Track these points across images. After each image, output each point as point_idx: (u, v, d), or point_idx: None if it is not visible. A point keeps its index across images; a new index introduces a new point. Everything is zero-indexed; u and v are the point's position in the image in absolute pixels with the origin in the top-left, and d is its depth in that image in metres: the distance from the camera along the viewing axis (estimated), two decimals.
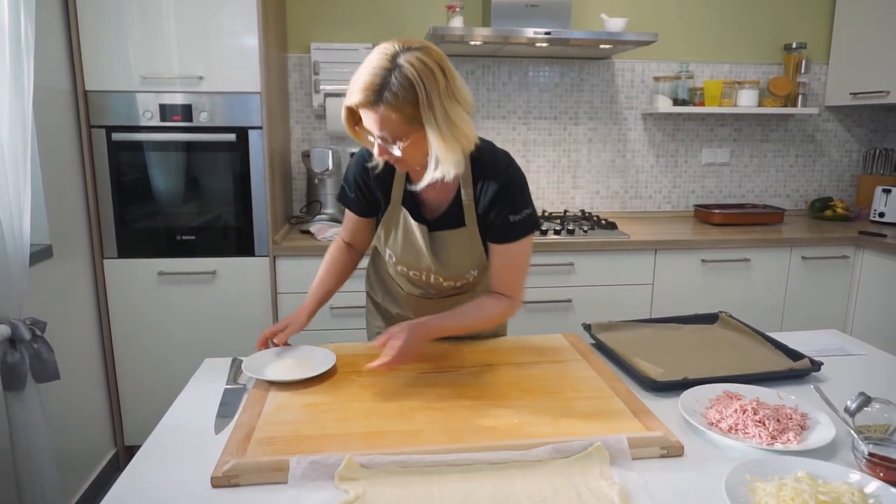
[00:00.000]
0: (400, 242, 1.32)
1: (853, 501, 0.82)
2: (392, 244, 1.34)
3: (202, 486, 0.90)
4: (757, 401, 1.11)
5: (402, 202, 1.29)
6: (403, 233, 1.31)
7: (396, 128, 1.09)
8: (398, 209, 1.30)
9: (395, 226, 1.31)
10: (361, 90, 1.07)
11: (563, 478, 0.91)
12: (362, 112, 1.11)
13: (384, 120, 1.08)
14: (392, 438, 1.00)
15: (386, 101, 1.06)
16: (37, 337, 1.56)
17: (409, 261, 1.34)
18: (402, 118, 1.08)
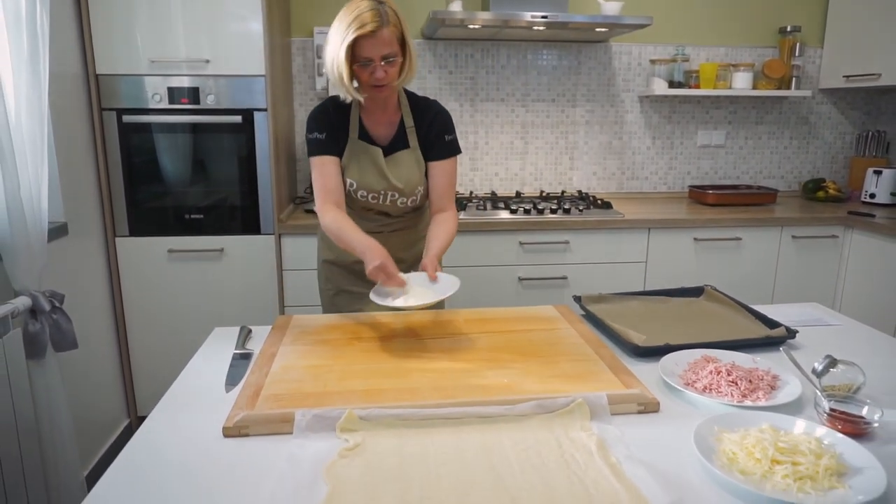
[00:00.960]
0: (362, 168, 1.57)
1: (809, 448, 0.89)
2: (355, 172, 1.58)
3: (214, 437, 0.98)
4: (732, 364, 1.19)
5: (358, 136, 1.57)
6: (364, 159, 1.57)
7: (394, 45, 1.43)
8: (356, 142, 1.57)
9: (356, 156, 1.57)
10: (369, 21, 1.37)
11: (545, 430, 0.99)
12: (368, 41, 1.39)
13: (389, 37, 1.41)
14: (389, 395, 1.08)
15: (387, 23, 1.40)
16: (56, 308, 1.65)
17: (369, 183, 1.58)
18: (396, 36, 1.43)
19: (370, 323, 1.44)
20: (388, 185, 1.59)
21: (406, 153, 1.60)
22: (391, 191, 1.60)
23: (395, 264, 1.37)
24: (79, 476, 1.80)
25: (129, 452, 0.95)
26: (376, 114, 1.59)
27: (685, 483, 0.86)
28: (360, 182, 1.58)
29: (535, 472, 0.88)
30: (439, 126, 1.61)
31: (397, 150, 1.60)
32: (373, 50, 1.40)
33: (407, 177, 1.60)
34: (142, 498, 0.83)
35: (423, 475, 0.87)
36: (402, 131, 1.61)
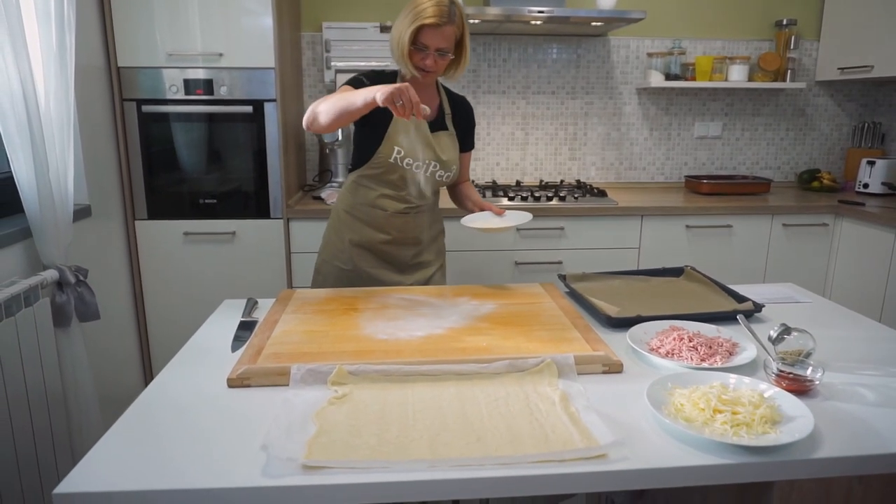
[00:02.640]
0: (410, 138, 1.70)
1: (750, 401, 0.99)
2: (404, 141, 1.69)
3: (220, 388, 1.10)
4: (697, 332, 1.29)
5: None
6: (414, 129, 1.69)
7: (451, 42, 1.60)
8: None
9: (405, 126, 1.69)
10: (438, 14, 1.54)
11: (516, 385, 1.10)
12: (432, 31, 1.55)
13: (450, 35, 1.59)
14: (377, 355, 1.20)
15: (452, 21, 1.57)
16: (80, 282, 1.79)
17: (416, 153, 1.70)
18: (456, 35, 1.61)
19: (365, 296, 1.55)
20: (433, 155, 1.72)
21: (446, 134, 1.76)
22: (434, 161, 1.73)
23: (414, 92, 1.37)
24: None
25: (143, 400, 1.06)
26: (420, 93, 1.65)
27: (635, 429, 0.96)
28: (407, 150, 1.69)
29: (501, 418, 0.99)
30: (468, 121, 1.84)
31: (439, 129, 1.75)
32: (432, 40, 1.57)
33: (449, 154, 1.76)
34: (154, 437, 0.94)
35: (401, 418, 0.99)
36: (441, 115, 1.76)
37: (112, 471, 0.86)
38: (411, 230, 1.82)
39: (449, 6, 1.55)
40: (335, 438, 0.93)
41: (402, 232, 1.80)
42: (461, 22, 1.60)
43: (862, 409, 1.03)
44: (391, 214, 1.77)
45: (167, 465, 0.87)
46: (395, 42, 1.61)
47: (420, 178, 1.74)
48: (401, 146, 1.69)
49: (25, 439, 1.58)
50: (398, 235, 1.80)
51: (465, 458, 0.88)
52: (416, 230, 1.83)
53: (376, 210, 1.77)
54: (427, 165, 1.73)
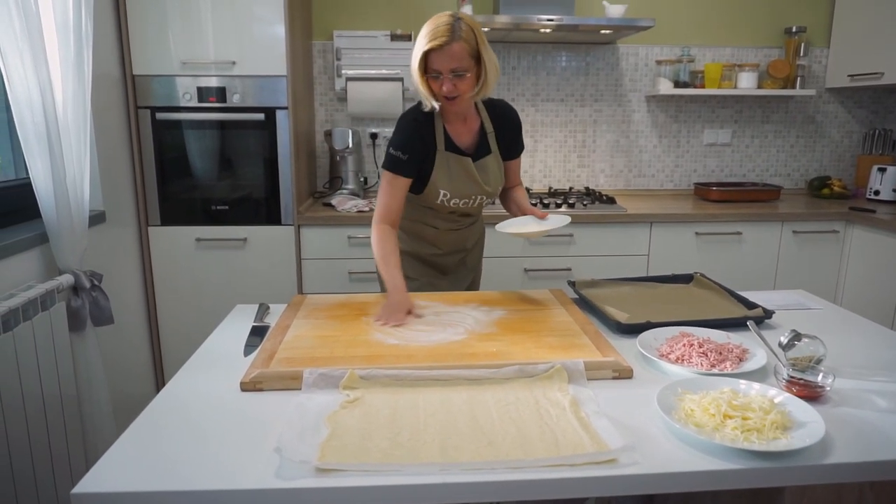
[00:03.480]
0: (454, 178, 1.66)
1: (760, 406, 0.99)
2: (446, 183, 1.66)
3: (233, 392, 1.12)
4: (707, 338, 1.29)
5: (445, 148, 1.65)
6: (457, 168, 1.65)
7: (464, 60, 1.48)
8: (445, 154, 1.64)
9: (446, 166, 1.65)
10: (440, 35, 1.45)
11: (526, 390, 1.11)
12: (437, 55, 1.47)
13: (459, 53, 1.47)
14: (388, 360, 1.21)
15: (458, 38, 1.46)
16: (95, 286, 1.82)
17: (462, 191, 1.68)
18: (469, 51, 1.49)
19: (377, 302, 1.57)
20: (479, 189, 1.69)
21: (490, 158, 1.69)
22: (481, 195, 1.71)
23: (410, 311, 1.46)
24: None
25: (157, 403, 1.08)
26: (457, 123, 1.65)
27: (645, 433, 0.97)
28: (452, 191, 1.66)
29: (512, 422, 1.00)
30: (514, 128, 1.74)
31: (482, 156, 1.68)
32: (441, 63, 1.47)
33: (494, 181, 1.70)
34: (168, 439, 0.96)
35: (412, 422, 1.00)
36: (483, 137, 1.69)
37: (127, 472, 0.87)
38: (461, 242, 1.85)
39: (451, 24, 1.46)
40: (347, 442, 0.94)
41: (452, 245, 1.83)
42: (471, 35, 1.49)
43: (873, 415, 1.02)
44: (442, 231, 1.79)
45: (181, 467, 0.88)
46: (413, 78, 1.54)
47: (467, 209, 1.75)
48: (446, 189, 1.66)
49: (41, 440, 1.60)
50: (448, 249, 1.83)
51: (476, 461, 0.89)
52: (465, 241, 1.86)
53: (427, 228, 1.79)
54: (474, 199, 1.71)
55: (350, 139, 2.74)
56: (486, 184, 1.69)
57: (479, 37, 1.51)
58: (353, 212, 2.52)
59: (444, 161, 1.64)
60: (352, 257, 2.52)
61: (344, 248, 2.51)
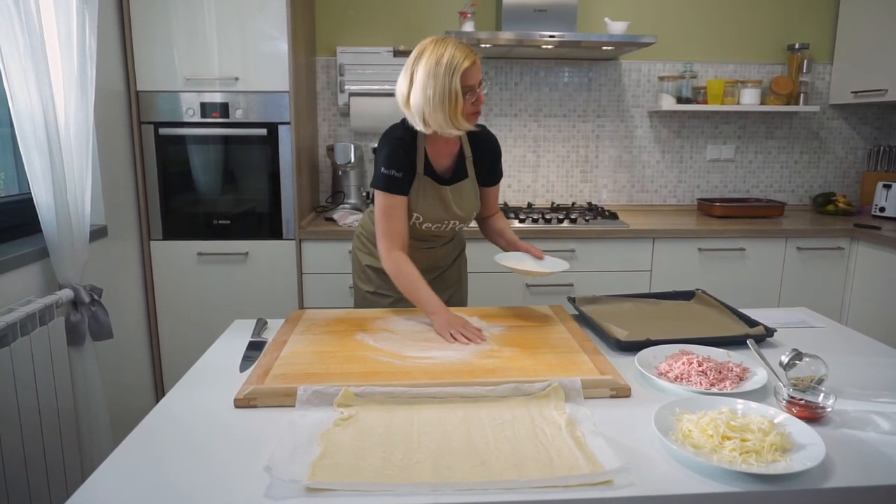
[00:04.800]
0: (429, 203, 1.65)
1: (759, 427, 0.97)
2: (422, 206, 1.65)
3: (227, 408, 1.11)
4: (707, 357, 1.28)
5: (424, 172, 1.64)
6: (431, 195, 1.65)
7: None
8: (422, 178, 1.64)
9: (422, 191, 1.64)
10: (466, 52, 1.48)
11: (522, 409, 1.10)
12: (470, 70, 1.48)
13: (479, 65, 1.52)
14: (384, 377, 1.20)
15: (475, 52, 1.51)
16: (94, 301, 1.82)
17: (435, 216, 1.67)
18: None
19: (374, 317, 1.56)
20: (452, 215, 1.68)
21: (466, 183, 1.69)
22: (454, 220, 1.69)
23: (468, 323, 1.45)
24: None
25: (150, 420, 1.07)
26: (439, 145, 1.64)
27: (642, 454, 0.95)
28: (425, 215, 1.66)
29: (507, 442, 0.99)
30: (493, 155, 1.74)
31: (458, 180, 1.68)
32: (475, 77, 1.50)
33: (468, 206, 1.69)
34: (160, 457, 0.95)
35: (406, 441, 0.99)
36: (461, 161, 1.69)
37: (119, 489, 0.86)
38: (434, 261, 1.81)
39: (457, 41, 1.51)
40: (339, 460, 0.93)
41: (424, 263, 1.76)
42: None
43: (875, 437, 1.01)
44: (415, 249, 1.73)
45: (172, 484, 0.87)
46: (447, 104, 1.48)
47: (439, 232, 1.74)
48: (419, 212, 1.65)
49: (37, 456, 1.60)
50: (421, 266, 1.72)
51: (469, 482, 0.87)
52: (438, 260, 1.83)
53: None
54: (446, 224, 1.70)
55: (352, 154, 2.75)
56: (459, 209, 1.67)
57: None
58: (354, 226, 2.52)
59: (421, 185, 1.63)
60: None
61: (345, 263, 2.51)
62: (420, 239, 1.74)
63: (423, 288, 1.53)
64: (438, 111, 1.49)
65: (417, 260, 1.73)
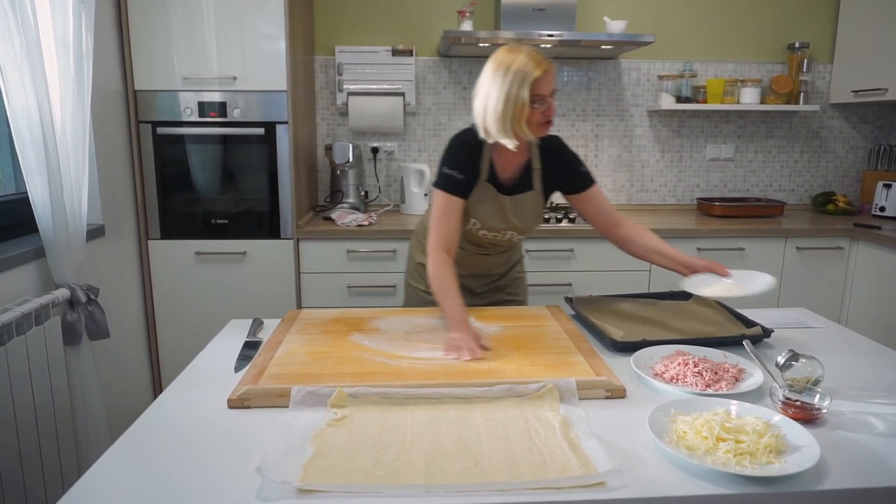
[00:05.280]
0: (488, 211, 1.61)
1: (754, 429, 0.97)
2: (480, 213, 1.61)
3: (220, 408, 1.10)
4: (703, 358, 1.27)
5: (487, 179, 1.60)
6: (491, 203, 1.61)
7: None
8: (485, 185, 1.59)
9: (483, 198, 1.60)
10: (539, 59, 1.44)
11: (516, 410, 1.09)
12: (542, 78, 1.43)
13: (553, 74, 1.48)
14: (378, 377, 1.19)
15: (550, 61, 1.47)
16: (91, 301, 1.82)
17: (492, 224, 1.63)
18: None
19: (370, 317, 1.56)
20: (510, 225, 1.64)
21: (530, 195, 1.63)
22: (511, 230, 1.65)
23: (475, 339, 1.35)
24: None
25: (144, 420, 1.07)
26: (507, 155, 1.58)
27: (636, 456, 0.95)
28: (483, 222, 1.62)
29: (500, 443, 0.98)
30: (568, 163, 1.64)
31: (521, 191, 1.62)
32: (547, 86, 1.45)
33: (528, 218, 1.65)
34: (153, 457, 0.95)
35: (399, 442, 0.98)
36: (527, 173, 1.63)
37: (111, 489, 0.86)
38: (486, 268, 1.78)
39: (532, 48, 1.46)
40: (332, 461, 0.93)
41: (475, 268, 1.76)
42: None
43: (871, 439, 1.00)
44: (468, 253, 1.72)
45: (164, 485, 0.87)
46: (510, 111, 1.44)
47: (496, 241, 1.69)
48: (477, 218, 1.62)
49: (33, 456, 1.60)
50: (471, 271, 1.75)
51: (461, 483, 0.87)
52: (491, 267, 1.79)
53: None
54: (503, 234, 1.66)
55: (350, 153, 2.75)
56: (518, 220, 1.63)
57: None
58: (352, 226, 2.52)
59: (482, 191, 1.59)
60: (351, 271, 2.52)
61: (343, 263, 2.51)
62: (476, 244, 1.70)
63: (452, 295, 1.47)
64: (500, 119, 1.45)
65: (470, 265, 1.74)
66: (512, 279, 1.87)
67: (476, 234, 1.66)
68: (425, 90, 2.99)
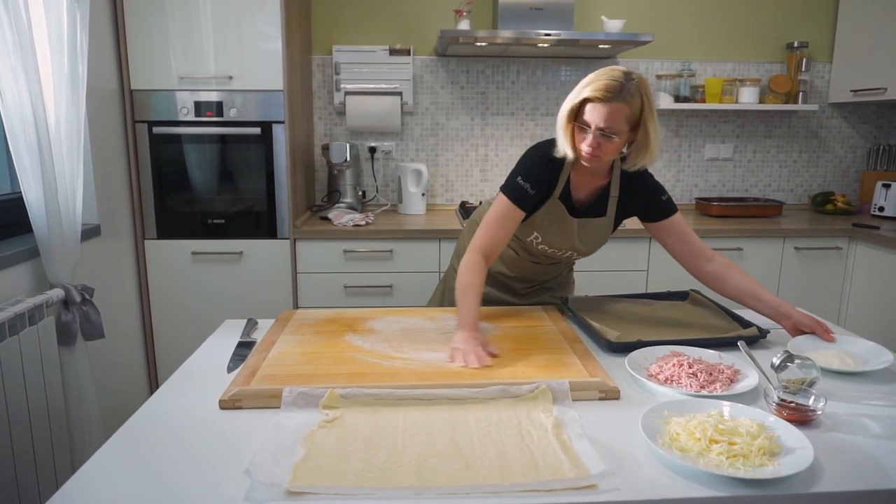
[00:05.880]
0: (552, 228, 1.57)
1: (748, 431, 0.96)
2: (544, 229, 1.57)
3: (212, 409, 1.10)
4: (698, 359, 1.27)
5: (560, 196, 1.54)
6: (558, 222, 1.56)
7: (619, 122, 1.35)
8: (556, 202, 1.54)
9: (550, 214, 1.55)
10: (603, 88, 1.33)
11: (509, 411, 1.09)
12: (594, 106, 1.35)
13: (616, 113, 1.34)
14: (371, 378, 1.19)
15: (621, 98, 1.34)
16: (86, 301, 1.81)
17: (554, 242, 1.59)
18: (627, 115, 1.36)
19: (364, 318, 1.55)
20: (571, 246, 1.59)
21: (600, 221, 1.58)
22: (572, 251, 1.61)
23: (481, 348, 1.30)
24: None
25: (136, 420, 1.07)
26: (586, 176, 1.53)
27: (628, 458, 0.94)
28: (544, 237, 1.58)
29: (492, 445, 0.97)
30: (649, 191, 1.56)
31: (592, 215, 1.57)
32: (594, 117, 1.36)
33: (592, 242, 1.61)
34: (144, 458, 0.94)
35: (390, 443, 0.98)
36: (603, 198, 1.57)
37: (102, 489, 0.86)
38: (534, 275, 1.76)
39: (623, 82, 1.34)
40: (322, 463, 0.92)
41: (523, 272, 1.73)
42: (637, 100, 1.35)
43: (865, 441, 0.99)
44: (521, 259, 1.70)
45: (154, 486, 0.87)
46: (561, 121, 1.42)
47: (555, 257, 1.66)
48: (540, 233, 1.58)
49: (27, 456, 1.59)
50: (517, 274, 1.73)
51: (452, 486, 0.86)
52: (538, 275, 1.77)
53: (507, 249, 1.68)
54: (563, 252, 1.62)
55: (348, 153, 2.74)
56: (581, 243, 1.59)
57: (647, 103, 1.38)
58: (349, 226, 2.52)
59: (552, 208, 1.54)
60: (348, 271, 2.51)
61: (340, 263, 2.50)
62: (531, 254, 1.67)
63: (470, 303, 1.41)
64: (559, 132, 1.44)
65: (518, 268, 1.73)
66: (559, 283, 1.84)
67: (535, 248, 1.62)
68: (423, 90, 2.99)
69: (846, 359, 1.29)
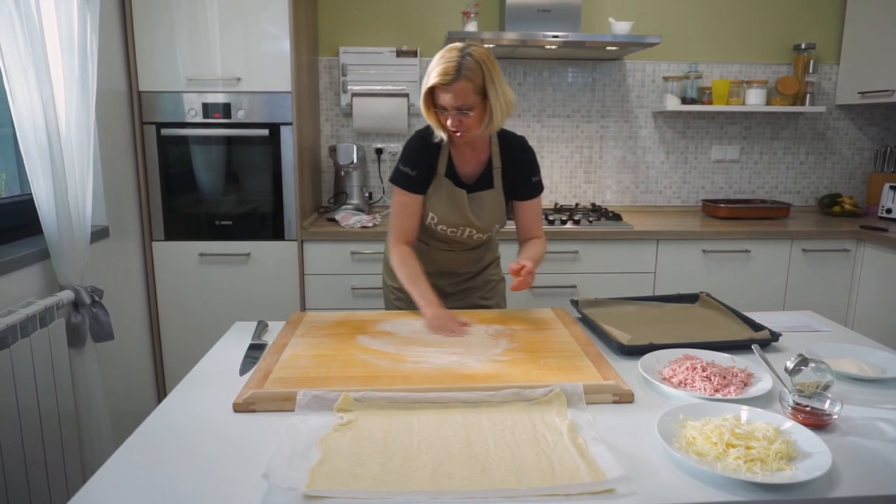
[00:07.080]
0: (444, 205, 1.63)
1: (764, 435, 0.96)
2: (437, 208, 1.63)
3: (226, 412, 1.10)
4: (711, 362, 1.26)
5: (445, 174, 1.62)
6: (447, 197, 1.62)
7: (469, 98, 1.45)
8: (442, 179, 1.62)
9: (440, 192, 1.63)
10: (442, 73, 1.43)
11: (523, 414, 1.08)
12: (442, 91, 1.45)
13: (462, 91, 1.44)
14: (384, 381, 1.19)
15: (463, 76, 1.43)
16: (95, 302, 1.81)
17: (449, 220, 1.64)
18: (473, 89, 1.45)
19: (375, 320, 1.55)
20: (467, 222, 1.64)
21: (490, 193, 1.64)
22: (469, 227, 1.65)
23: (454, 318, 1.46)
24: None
25: (149, 424, 1.06)
26: (466, 152, 1.62)
27: (645, 462, 0.94)
28: (440, 217, 1.63)
29: (508, 449, 0.97)
30: (527, 168, 1.65)
31: (481, 189, 1.63)
32: (446, 100, 1.45)
33: (488, 216, 1.65)
34: (158, 462, 0.94)
35: (405, 447, 0.97)
36: (488, 171, 1.64)
37: (117, 493, 0.86)
38: (450, 265, 1.77)
39: (458, 60, 1.43)
40: (338, 467, 0.92)
41: (441, 265, 1.75)
42: (478, 73, 1.44)
43: (883, 445, 0.99)
44: (433, 249, 1.73)
45: (170, 490, 0.87)
46: (421, 107, 1.54)
47: (455, 238, 1.69)
48: (434, 212, 1.63)
49: (37, 458, 1.59)
50: (436, 269, 1.73)
51: (469, 490, 0.86)
52: (456, 265, 1.78)
53: (418, 242, 1.71)
54: (462, 230, 1.66)
55: (354, 154, 2.74)
56: (477, 218, 1.63)
57: (489, 73, 1.45)
58: (356, 227, 2.52)
59: (440, 186, 1.62)
60: (355, 273, 2.51)
61: (347, 264, 2.50)
62: (439, 240, 1.72)
63: (421, 282, 1.55)
64: (426, 118, 1.54)
65: (436, 261, 1.74)
66: (485, 281, 1.85)
67: (435, 230, 1.67)
68: None
69: (864, 366, 1.29)
